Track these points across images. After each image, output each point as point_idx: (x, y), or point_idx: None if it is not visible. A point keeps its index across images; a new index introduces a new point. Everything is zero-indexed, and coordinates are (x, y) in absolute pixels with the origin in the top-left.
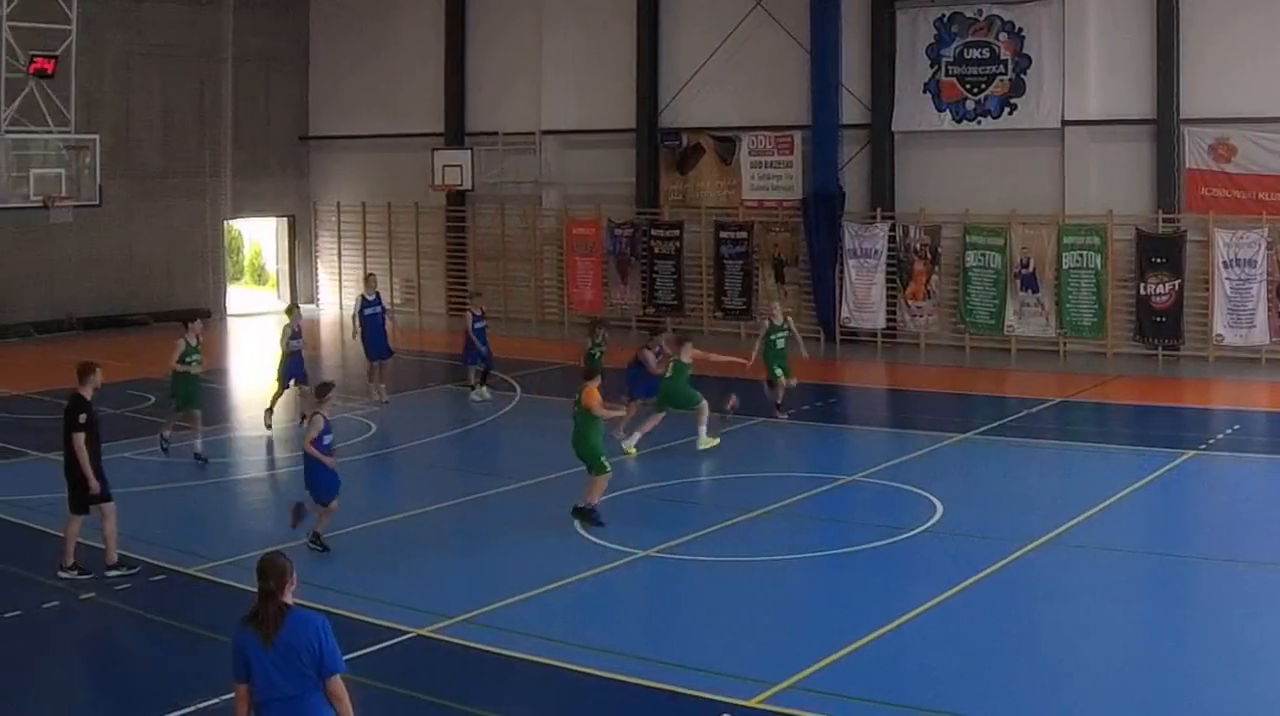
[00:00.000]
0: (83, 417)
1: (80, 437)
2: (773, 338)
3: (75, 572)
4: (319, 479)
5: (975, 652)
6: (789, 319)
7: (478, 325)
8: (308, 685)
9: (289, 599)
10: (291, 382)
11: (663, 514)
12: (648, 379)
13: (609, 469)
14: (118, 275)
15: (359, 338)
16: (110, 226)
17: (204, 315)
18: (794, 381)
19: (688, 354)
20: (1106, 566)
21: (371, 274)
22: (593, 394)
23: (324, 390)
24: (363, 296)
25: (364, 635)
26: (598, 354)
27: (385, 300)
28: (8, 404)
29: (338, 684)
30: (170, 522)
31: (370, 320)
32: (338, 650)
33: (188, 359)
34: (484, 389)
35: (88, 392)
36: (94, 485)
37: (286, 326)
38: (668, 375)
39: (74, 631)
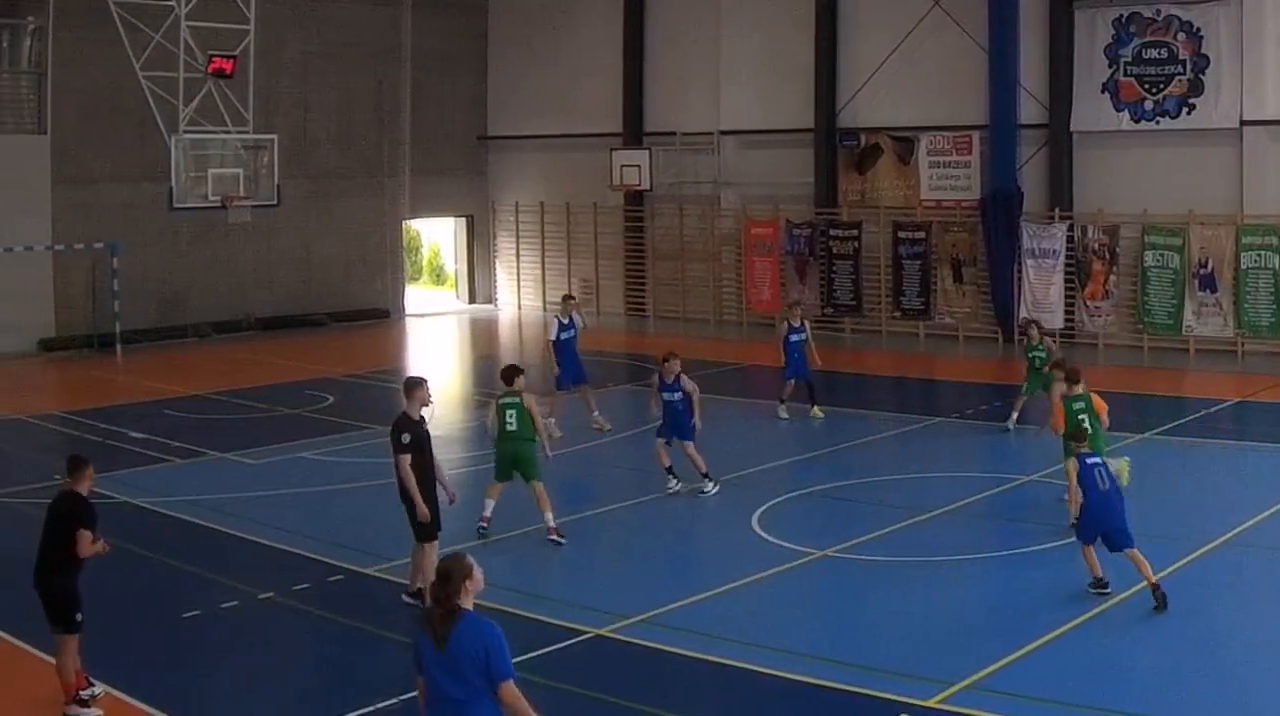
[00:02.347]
0: (406, 437)
1: (406, 459)
2: (793, 340)
3: (417, 600)
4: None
5: (1154, 652)
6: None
7: (794, 338)
8: (473, 691)
9: (468, 602)
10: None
11: (840, 514)
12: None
13: None
14: (295, 275)
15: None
16: (288, 226)
17: (382, 315)
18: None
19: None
20: None
21: (570, 296)
22: None
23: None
24: (558, 318)
25: (543, 635)
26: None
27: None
28: (187, 404)
29: (509, 690)
30: (349, 523)
31: (565, 345)
32: (508, 658)
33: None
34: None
35: (414, 411)
36: (423, 510)
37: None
38: None
39: (252, 631)
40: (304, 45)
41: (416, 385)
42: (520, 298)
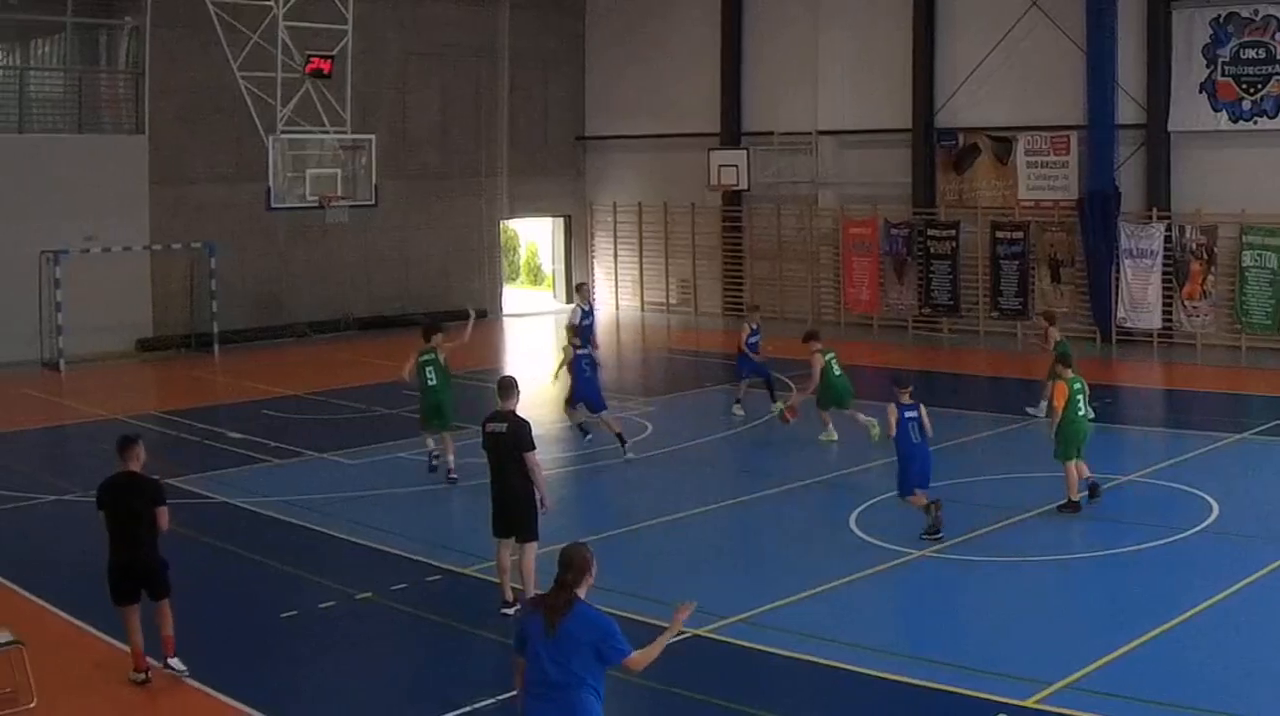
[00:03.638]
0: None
1: (536, 455)
2: (751, 342)
3: (515, 609)
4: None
5: (1253, 653)
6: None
7: (752, 339)
8: (575, 679)
9: (583, 592)
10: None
11: None
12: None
13: None
14: (393, 275)
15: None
16: (386, 226)
17: (480, 314)
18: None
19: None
20: None
21: (582, 283)
22: None
23: None
24: (579, 307)
25: (641, 635)
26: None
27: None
28: (285, 404)
29: (634, 661)
30: (446, 523)
31: (584, 332)
32: (623, 640)
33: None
34: (777, 405)
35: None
36: (550, 503)
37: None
38: None
39: (350, 631)
40: (402, 45)
41: (515, 385)
42: (618, 298)
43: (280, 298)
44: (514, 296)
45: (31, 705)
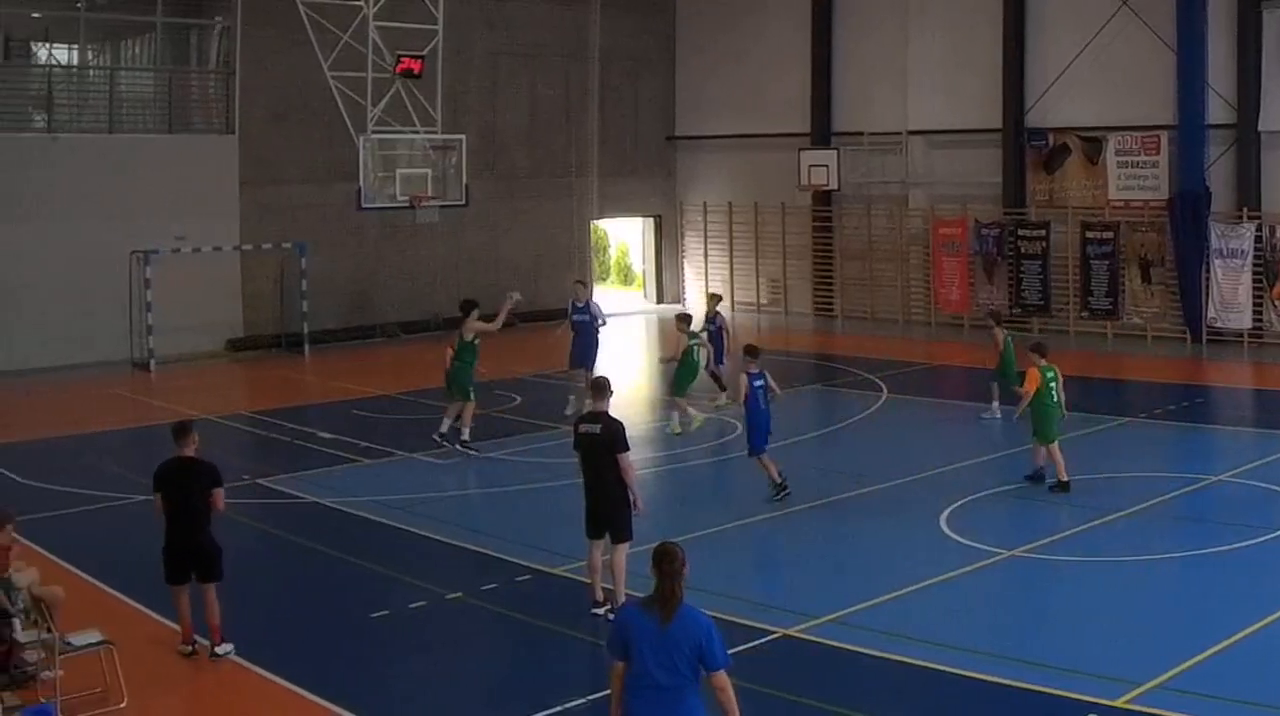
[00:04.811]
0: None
1: (630, 457)
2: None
3: (605, 608)
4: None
5: None
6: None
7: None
8: (683, 680)
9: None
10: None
11: (1028, 514)
12: None
13: None
14: (483, 275)
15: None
16: (476, 226)
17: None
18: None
19: None
20: None
21: (580, 280)
22: None
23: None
24: (573, 303)
25: (731, 635)
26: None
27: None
28: (375, 404)
29: (721, 676)
30: (537, 522)
31: (578, 327)
32: (724, 648)
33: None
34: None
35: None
36: (641, 505)
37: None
38: None
39: (440, 631)
40: (492, 45)
41: (608, 385)
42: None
43: (370, 297)
44: (604, 296)
45: (122, 705)
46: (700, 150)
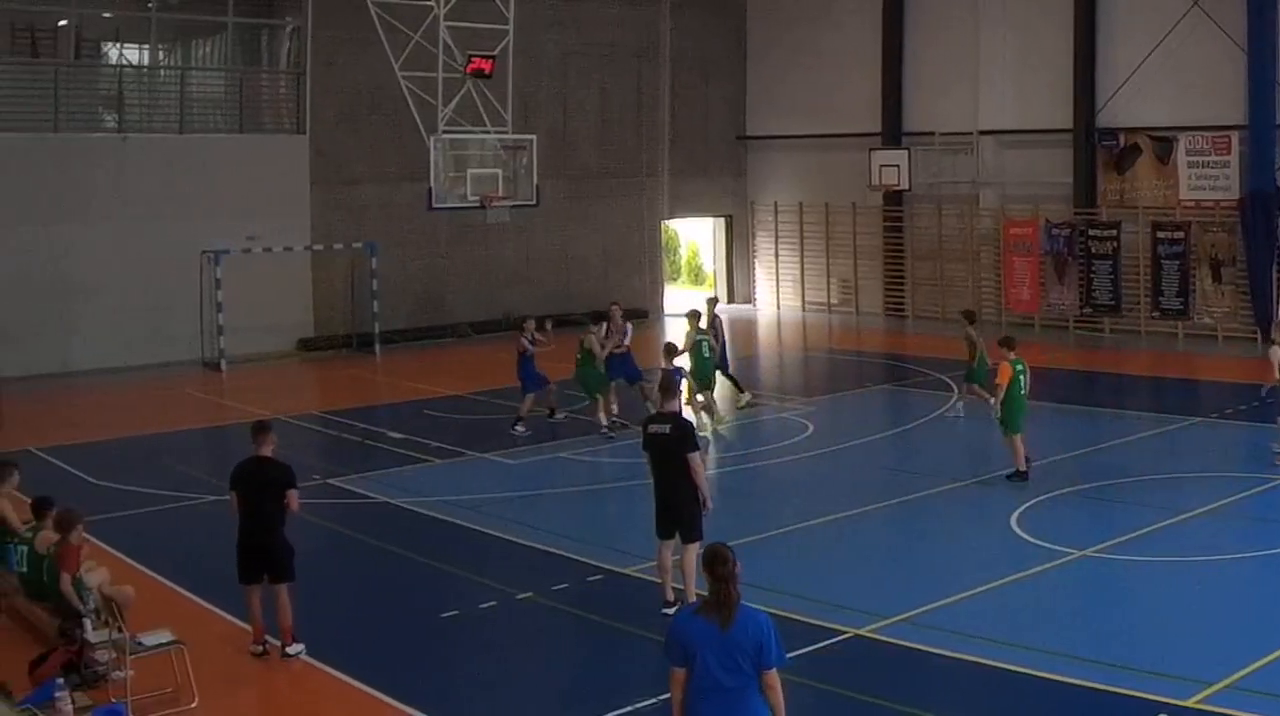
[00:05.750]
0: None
1: (699, 456)
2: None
3: (675, 609)
4: None
5: None
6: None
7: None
8: (746, 680)
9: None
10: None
11: (1098, 514)
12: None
13: None
14: (554, 275)
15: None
16: (546, 226)
17: (641, 314)
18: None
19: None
20: None
21: (615, 302)
22: None
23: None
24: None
25: (801, 635)
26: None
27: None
28: (446, 404)
29: (774, 675)
30: (608, 523)
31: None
32: (781, 646)
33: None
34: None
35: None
36: (710, 503)
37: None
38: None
39: (511, 631)
40: (563, 45)
41: (678, 386)
42: (779, 298)
43: (441, 297)
44: (675, 296)
45: (193, 705)
46: (771, 150)
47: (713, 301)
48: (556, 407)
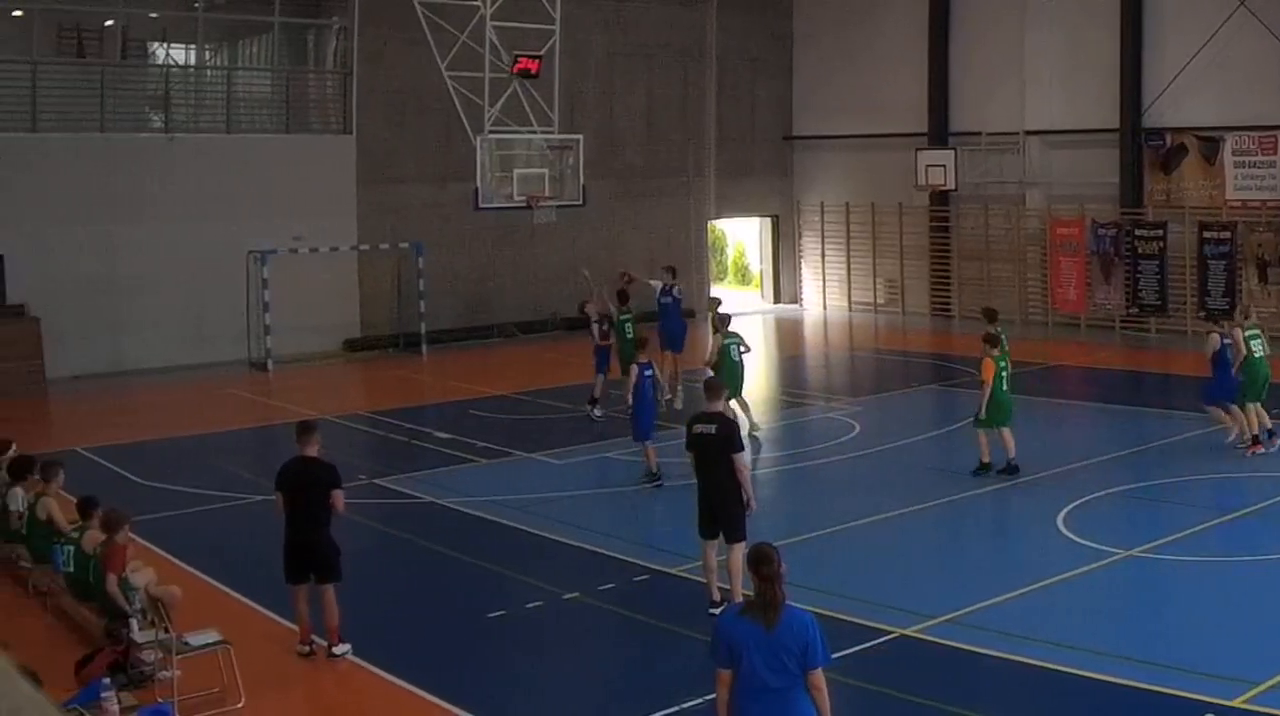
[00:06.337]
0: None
1: (744, 456)
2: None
3: (721, 609)
4: None
5: None
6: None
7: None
8: (792, 680)
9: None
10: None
11: (1145, 514)
12: None
13: None
14: (600, 275)
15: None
16: (593, 226)
17: (688, 315)
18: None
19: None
20: None
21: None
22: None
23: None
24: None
25: (847, 635)
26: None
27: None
28: (492, 404)
29: (819, 675)
30: (654, 523)
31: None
32: (826, 646)
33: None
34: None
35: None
36: (754, 504)
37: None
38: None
39: (557, 631)
40: (609, 45)
41: (723, 386)
42: (826, 298)
43: (487, 297)
44: (722, 296)
45: (239, 705)
46: (817, 150)
47: (715, 302)
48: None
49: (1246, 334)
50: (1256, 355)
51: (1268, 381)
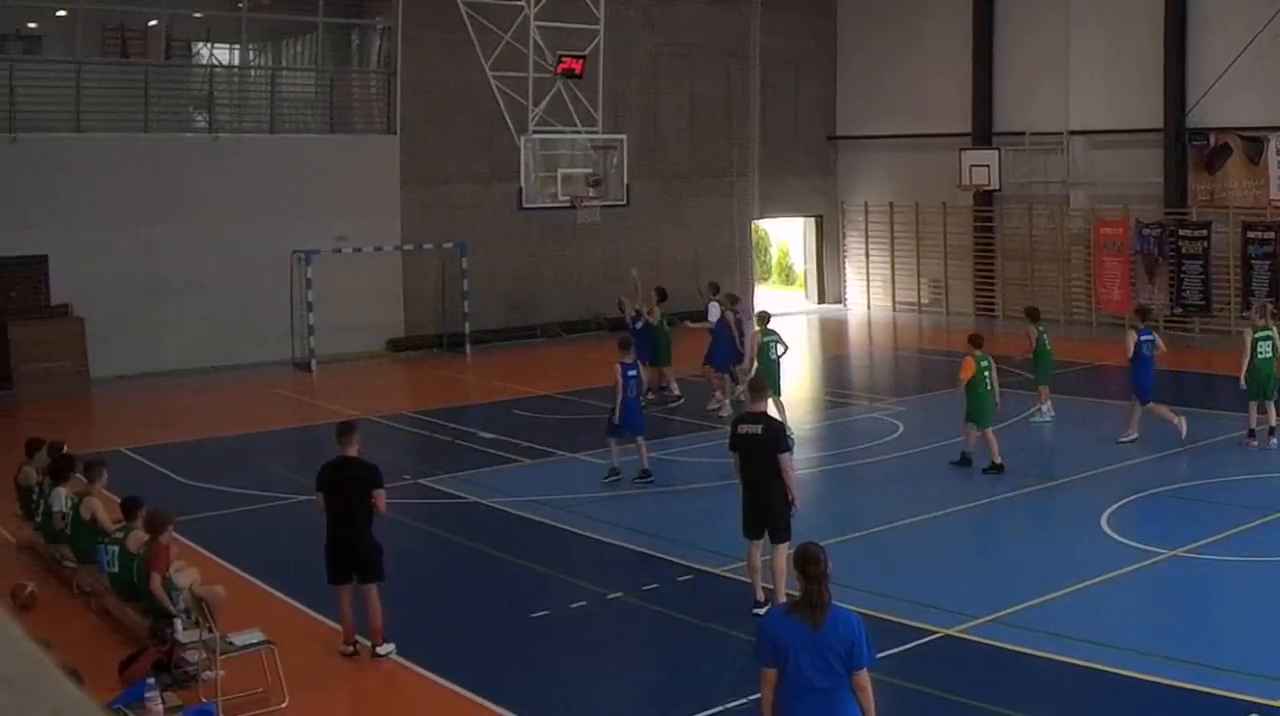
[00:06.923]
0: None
1: (789, 457)
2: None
3: (765, 609)
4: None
5: None
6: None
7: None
8: (838, 680)
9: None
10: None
11: (1189, 514)
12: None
13: None
14: (644, 275)
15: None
16: (637, 226)
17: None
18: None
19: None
20: None
21: (714, 283)
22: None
23: None
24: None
25: (892, 635)
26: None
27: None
28: (536, 404)
29: (864, 675)
30: (698, 522)
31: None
32: (872, 646)
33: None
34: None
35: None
36: (799, 504)
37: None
38: None
39: (601, 631)
40: (653, 45)
41: (767, 387)
42: (870, 298)
43: (531, 297)
44: (766, 296)
45: (283, 705)
46: (861, 150)
47: (731, 298)
48: (656, 391)
49: (1256, 335)
50: (1263, 357)
51: (1271, 381)
